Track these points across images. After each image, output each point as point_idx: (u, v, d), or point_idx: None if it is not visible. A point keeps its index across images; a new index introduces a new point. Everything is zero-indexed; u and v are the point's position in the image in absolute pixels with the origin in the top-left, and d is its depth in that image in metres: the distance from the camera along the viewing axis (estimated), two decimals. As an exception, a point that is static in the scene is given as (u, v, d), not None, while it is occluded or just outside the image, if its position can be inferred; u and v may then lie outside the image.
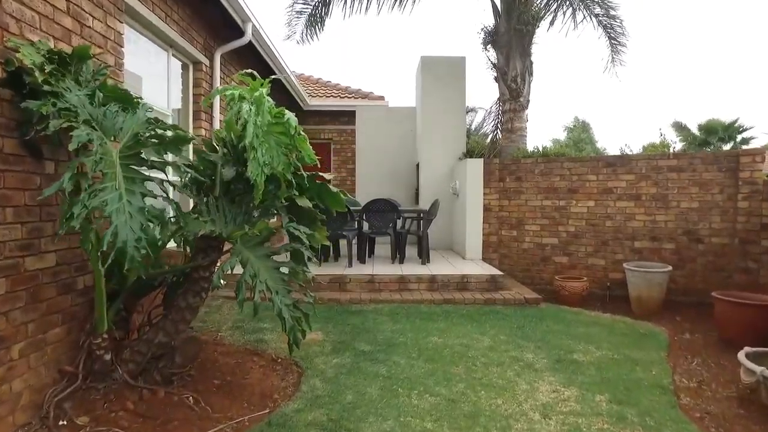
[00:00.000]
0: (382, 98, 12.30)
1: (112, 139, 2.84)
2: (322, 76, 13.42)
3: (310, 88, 12.47)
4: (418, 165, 10.18)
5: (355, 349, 4.49)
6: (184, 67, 5.76)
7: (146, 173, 2.90)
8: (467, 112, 10.84)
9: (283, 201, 3.47)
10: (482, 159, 8.14)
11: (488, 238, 8.13)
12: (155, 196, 2.92)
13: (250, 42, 6.41)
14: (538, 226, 7.80)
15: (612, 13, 8.98)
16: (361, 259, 7.53)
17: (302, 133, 3.38)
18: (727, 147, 21.64)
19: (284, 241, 6.31)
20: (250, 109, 3.03)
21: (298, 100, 11.06)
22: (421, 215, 7.72)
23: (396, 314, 5.67)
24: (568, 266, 7.54)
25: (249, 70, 3.48)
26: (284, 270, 3.33)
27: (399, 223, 8.41)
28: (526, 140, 8.74)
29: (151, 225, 2.68)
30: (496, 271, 6.87)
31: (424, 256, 7.52)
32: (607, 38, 9.31)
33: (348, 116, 11.68)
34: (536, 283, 7.75)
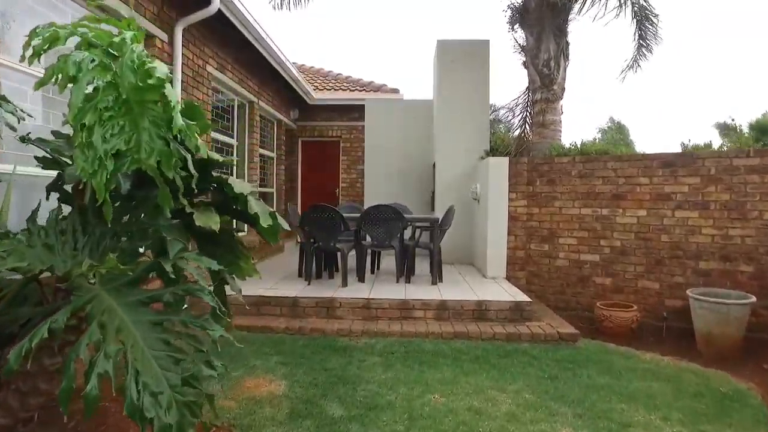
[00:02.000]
0: (396, 91, 11.08)
1: None
2: (332, 69, 12.31)
3: (317, 81, 11.36)
4: (434, 165, 8.91)
5: (321, 414, 3.27)
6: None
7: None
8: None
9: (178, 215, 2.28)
10: (507, 158, 6.83)
11: (514, 252, 6.80)
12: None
13: (220, 12, 5.29)
14: (575, 240, 6.43)
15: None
16: (360, 277, 6.32)
17: (199, 106, 2.19)
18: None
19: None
20: (84, 61, 1.85)
21: (301, 93, 9.94)
22: (433, 225, 6.45)
23: (391, 354, 4.43)
24: (612, 289, 6.14)
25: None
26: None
27: (408, 233, 7.16)
28: (560, 136, 7.39)
29: None
30: (521, 296, 5.54)
31: (435, 274, 6.25)
32: (636, 26, 7.76)
33: (358, 112, 10.51)
34: (571, 309, 6.39)
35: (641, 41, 7.84)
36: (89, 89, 1.91)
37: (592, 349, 4.75)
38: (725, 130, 22.71)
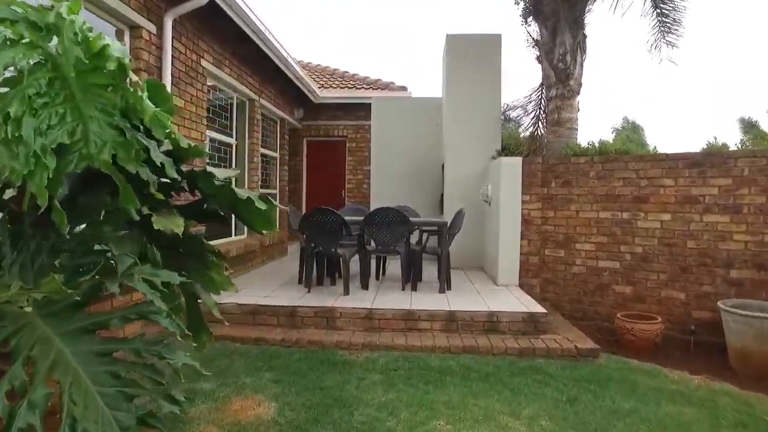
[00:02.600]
0: (404, 89, 10.71)
1: None
2: (338, 67, 11.97)
3: (322, 79, 11.03)
4: (443, 166, 8.53)
5: (312, 445, 2.91)
6: (119, 33, 4.37)
7: None
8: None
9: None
10: (520, 158, 6.43)
11: (527, 258, 6.40)
12: None
13: (214, 2, 4.97)
14: (593, 245, 6.01)
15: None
16: (364, 284, 5.96)
17: (163, 87, 1.86)
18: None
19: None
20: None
21: (306, 92, 9.60)
22: (441, 229, 6.08)
23: (393, 371, 4.06)
24: (633, 298, 5.71)
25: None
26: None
27: (415, 237, 6.79)
28: (576, 134, 6.97)
29: None
30: (536, 307, 5.14)
31: (443, 281, 5.87)
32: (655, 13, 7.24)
33: (365, 110, 10.16)
34: (589, 318, 5.97)
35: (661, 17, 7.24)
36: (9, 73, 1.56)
37: (613, 366, 4.34)
38: (747, 126, 21.95)
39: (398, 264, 6.22)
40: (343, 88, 10.64)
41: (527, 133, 8.22)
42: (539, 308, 5.11)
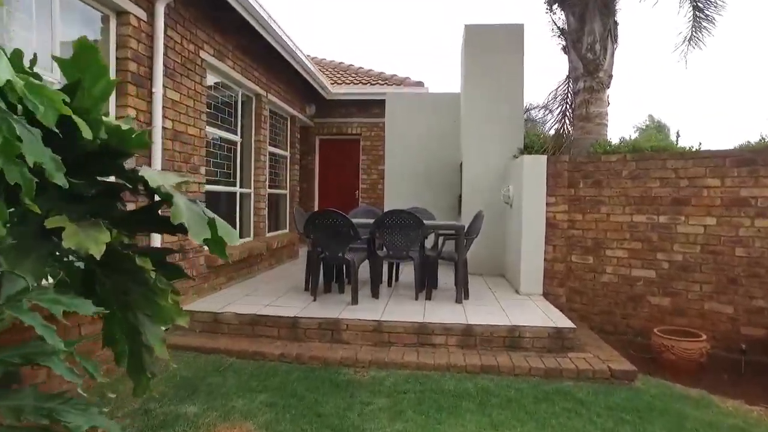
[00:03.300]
0: (420, 84, 10.23)
1: None
2: (352, 63, 11.54)
3: (335, 75, 10.62)
4: (461, 165, 8.03)
5: (302, 491, 2.47)
6: (104, 20, 4.00)
7: None
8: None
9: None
10: (545, 156, 5.91)
11: (552, 265, 5.87)
12: None
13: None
14: (626, 252, 5.46)
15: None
16: (374, 292, 5.51)
17: (96, 50, 1.43)
18: None
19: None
20: None
21: (317, 87, 9.20)
22: (458, 233, 5.60)
23: (402, 395, 3.61)
24: (672, 312, 5.15)
25: None
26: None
27: (430, 241, 6.32)
28: (606, 130, 6.41)
29: None
30: (563, 321, 4.63)
31: (460, 290, 5.39)
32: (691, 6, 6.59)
33: (379, 107, 9.72)
34: (621, 333, 5.43)
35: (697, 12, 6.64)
36: None
37: (654, 391, 3.81)
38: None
39: (412, 268, 5.76)
40: (357, 83, 10.21)
41: (552, 131, 7.67)
42: (566, 322, 4.59)
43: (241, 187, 6.77)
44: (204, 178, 5.40)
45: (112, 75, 3.97)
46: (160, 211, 1.79)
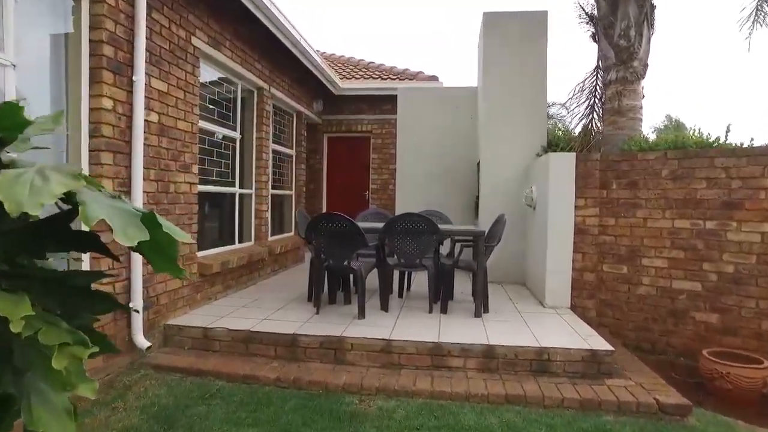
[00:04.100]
0: (434, 78, 9.68)
1: None
2: (362, 58, 11.03)
3: (345, 70, 10.11)
4: (479, 164, 7.48)
5: None
6: (76, -2, 3.52)
7: None
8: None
9: None
10: (573, 154, 5.33)
11: (581, 275, 5.30)
12: None
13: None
14: (666, 261, 4.86)
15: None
16: (383, 304, 4.99)
17: None
18: None
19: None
20: None
21: (325, 82, 8.69)
22: (477, 239, 5.04)
23: (415, 431, 3.07)
24: (721, 330, 4.54)
25: None
26: None
27: (446, 246, 5.78)
28: (640, 125, 5.81)
29: None
30: (599, 342, 4.05)
31: (479, 304, 4.83)
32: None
33: (391, 103, 9.19)
34: (659, 352, 4.84)
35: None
36: None
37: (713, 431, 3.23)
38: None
39: (425, 276, 5.22)
40: (367, 78, 9.68)
41: (577, 128, 7.07)
42: (602, 343, 4.01)
43: (241, 187, 6.28)
44: (197, 178, 4.91)
45: (85, 59, 3.49)
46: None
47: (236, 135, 6.12)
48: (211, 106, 5.54)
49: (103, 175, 3.55)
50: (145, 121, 4.00)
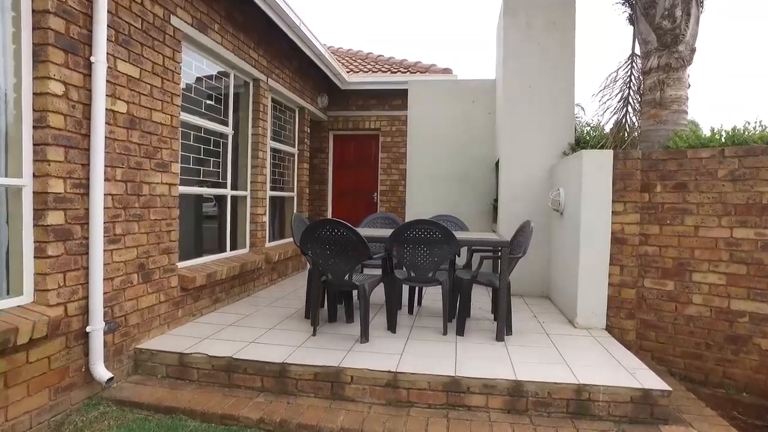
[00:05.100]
0: (448, 71, 8.99)
1: None
2: (371, 51, 10.36)
3: (353, 64, 9.46)
4: (497, 164, 6.80)
5: None
6: (18, -41, 2.91)
7: None
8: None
9: None
10: (611, 151, 4.63)
11: (619, 291, 4.59)
12: None
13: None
14: (723, 277, 4.14)
15: None
16: (390, 325, 4.34)
17: None
18: None
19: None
20: None
21: (330, 75, 8.05)
22: (500, 251, 4.36)
23: (426, 505, 2.41)
24: (791, 360, 3.81)
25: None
26: None
27: (461, 256, 5.10)
28: (685, 119, 5.08)
29: None
30: (652, 379, 3.34)
31: (502, 326, 4.15)
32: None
33: (401, 98, 8.53)
34: (715, 384, 4.12)
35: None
36: None
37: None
38: None
39: (438, 289, 4.55)
40: (376, 72, 9.01)
41: (606, 123, 6.34)
42: (656, 381, 3.30)
43: (233, 189, 5.66)
44: (178, 178, 4.29)
45: (27, 33, 2.88)
46: None
47: (228, 131, 5.50)
48: (197, 98, 4.92)
49: (51, 173, 2.93)
50: (109, 110, 3.39)
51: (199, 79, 4.98)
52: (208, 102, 5.12)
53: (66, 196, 3.05)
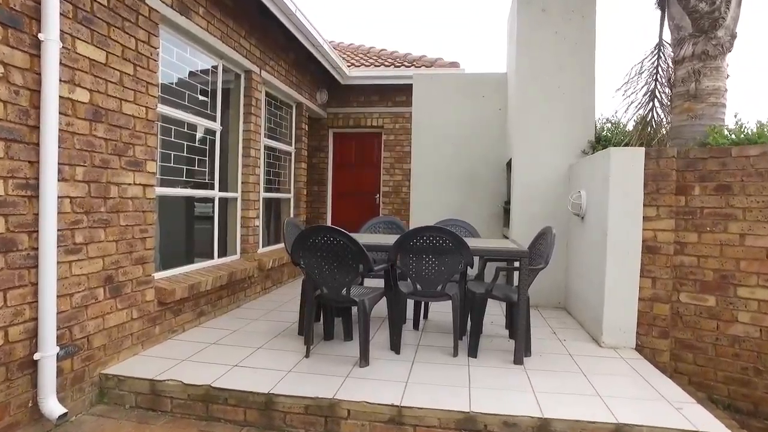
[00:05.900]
0: (455, 65, 8.47)
1: None
2: (374, 45, 9.85)
3: (355, 58, 8.95)
4: (509, 164, 6.29)
5: None
6: None
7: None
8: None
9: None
10: (642, 149, 4.11)
11: (651, 306, 4.08)
12: None
13: None
14: (773, 292, 3.62)
15: None
16: (394, 345, 3.84)
17: None
18: None
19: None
20: None
21: (330, 69, 7.56)
22: (517, 261, 3.86)
23: None
24: None
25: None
26: None
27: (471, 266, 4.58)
28: (724, 113, 4.56)
29: None
30: (707, 421, 2.82)
31: (520, 346, 3.64)
32: None
33: (405, 94, 8.03)
34: (765, 416, 3.59)
35: None
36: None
37: None
38: None
39: (446, 305, 4.04)
40: (379, 66, 8.51)
41: (629, 119, 5.82)
42: (711, 421, 2.78)
43: (221, 190, 5.17)
44: (154, 178, 3.80)
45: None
46: None
47: (216, 126, 5.01)
48: (179, 89, 4.43)
49: (-13, 173, 2.44)
50: (67, 99, 2.90)
51: (181, 69, 4.49)
52: (193, 94, 4.63)
53: (7, 199, 2.56)
